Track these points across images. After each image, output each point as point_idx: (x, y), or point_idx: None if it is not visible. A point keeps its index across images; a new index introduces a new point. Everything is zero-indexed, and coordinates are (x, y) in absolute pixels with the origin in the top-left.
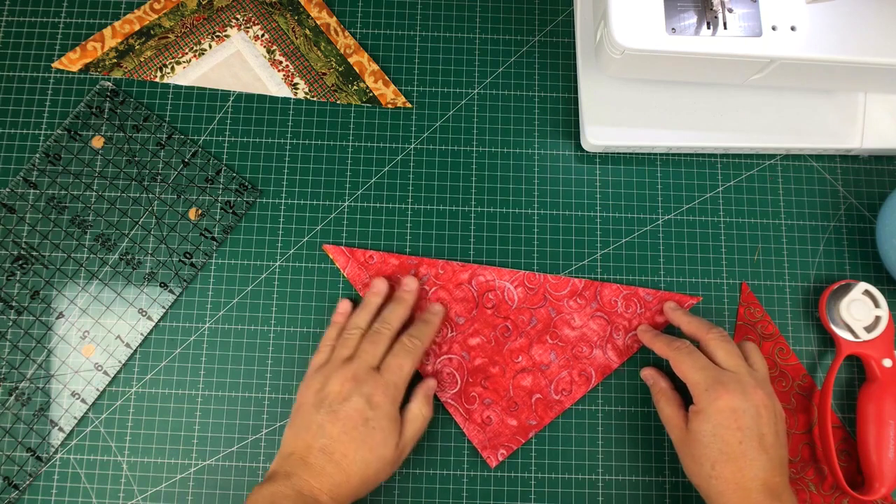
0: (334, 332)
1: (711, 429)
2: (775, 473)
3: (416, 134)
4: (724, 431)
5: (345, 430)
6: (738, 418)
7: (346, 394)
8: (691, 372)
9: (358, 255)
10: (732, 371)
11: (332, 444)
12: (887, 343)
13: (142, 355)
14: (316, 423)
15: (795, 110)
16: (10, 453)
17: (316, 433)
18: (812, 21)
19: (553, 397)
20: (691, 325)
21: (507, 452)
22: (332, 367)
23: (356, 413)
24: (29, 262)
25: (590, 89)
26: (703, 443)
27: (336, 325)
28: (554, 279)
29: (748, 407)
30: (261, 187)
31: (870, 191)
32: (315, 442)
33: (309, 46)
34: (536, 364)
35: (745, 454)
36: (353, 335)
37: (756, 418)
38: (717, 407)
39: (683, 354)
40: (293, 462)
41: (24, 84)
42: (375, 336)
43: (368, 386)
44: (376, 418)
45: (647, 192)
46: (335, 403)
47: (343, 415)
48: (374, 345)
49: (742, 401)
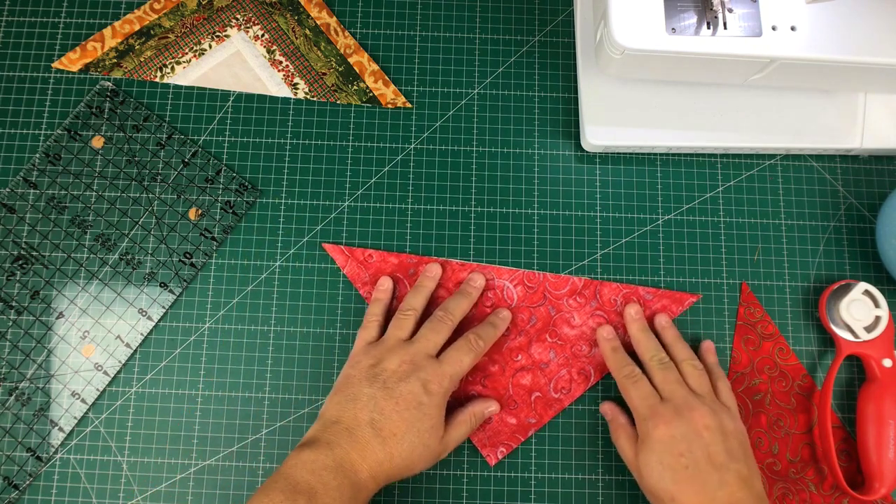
0: (378, 307)
1: (657, 459)
2: (737, 489)
3: (416, 134)
4: (669, 459)
5: (397, 409)
6: (678, 444)
7: (403, 374)
8: (634, 401)
9: (357, 253)
10: (667, 398)
11: (382, 419)
12: (887, 343)
13: (142, 355)
14: (367, 396)
15: (795, 110)
16: (10, 453)
17: (366, 405)
18: (812, 21)
19: (552, 395)
20: (638, 346)
21: (506, 451)
22: (389, 345)
23: (411, 395)
24: (29, 262)
25: (590, 89)
26: (655, 476)
27: (379, 301)
28: (553, 278)
29: (686, 430)
30: (261, 187)
31: (870, 191)
32: (364, 415)
33: (309, 46)
34: (536, 362)
35: (696, 478)
36: (409, 316)
37: (697, 440)
38: (656, 437)
39: (629, 383)
40: (337, 431)
41: (24, 84)
42: (437, 324)
43: (426, 372)
44: (429, 405)
45: (647, 192)
46: (390, 381)
47: (397, 393)
48: (436, 333)
49: (679, 425)
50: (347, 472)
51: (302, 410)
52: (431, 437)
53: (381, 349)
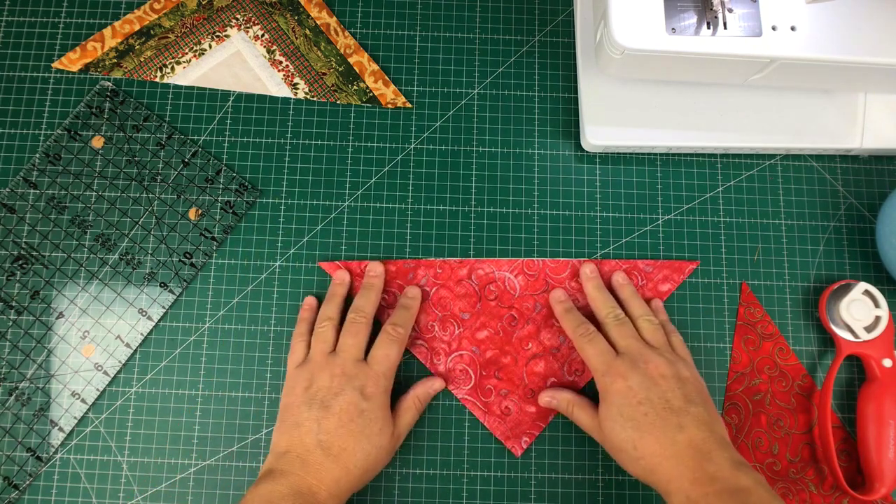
0: (303, 327)
1: (617, 411)
2: (697, 431)
3: (416, 134)
4: (629, 409)
5: (341, 424)
6: (636, 393)
7: (338, 388)
8: (591, 360)
9: (353, 266)
10: (623, 352)
11: (329, 438)
12: (887, 343)
13: (142, 355)
14: (309, 420)
15: (795, 110)
16: (10, 453)
17: (310, 429)
18: (812, 21)
19: (567, 378)
20: (594, 303)
21: (529, 440)
22: (316, 362)
23: (351, 406)
24: (29, 262)
25: (590, 89)
26: (617, 429)
27: (304, 320)
28: (552, 262)
29: (643, 380)
30: (261, 187)
31: (870, 191)
32: (310, 438)
33: (309, 46)
34: (546, 348)
35: (655, 424)
36: (325, 327)
37: (654, 388)
38: (614, 390)
39: (585, 342)
40: (289, 460)
41: (24, 84)
42: (353, 327)
43: (359, 378)
44: (371, 409)
45: (647, 192)
46: (328, 398)
47: (337, 408)
48: (355, 336)
49: (635, 376)
50: (306, 498)
51: None
52: (382, 437)
53: (310, 368)
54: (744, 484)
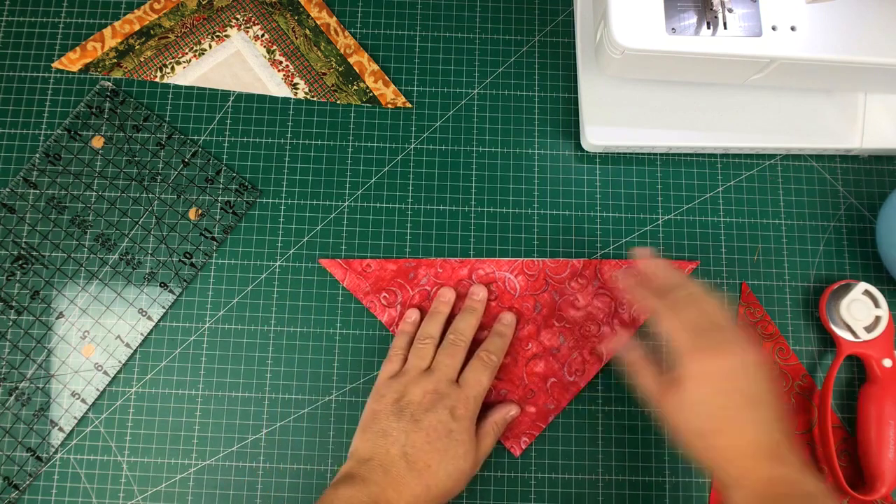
0: (404, 340)
1: (700, 397)
2: (773, 431)
3: (416, 134)
4: (717, 397)
5: (428, 440)
6: (734, 380)
7: (429, 404)
8: (677, 331)
9: (355, 265)
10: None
11: (415, 452)
12: (887, 343)
13: (142, 355)
14: (397, 430)
15: (795, 110)
16: (10, 453)
17: (397, 440)
18: (812, 21)
19: (568, 379)
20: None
21: (529, 440)
22: (411, 376)
23: (440, 424)
24: (29, 262)
25: (590, 89)
26: (694, 415)
27: (405, 333)
28: (552, 262)
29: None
30: (261, 187)
31: (870, 191)
32: (396, 449)
33: (309, 46)
34: (547, 349)
35: (735, 419)
36: (426, 345)
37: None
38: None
39: (668, 309)
40: (371, 468)
41: (24, 84)
42: (452, 348)
43: (451, 399)
44: (459, 431)
45: (647, 192)
46: (418, 413)
47: (426, 424)
48: (452, 357)
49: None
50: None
51: (302, 410)
52: (466, 460)
53: (404, 381)
54: (810, 489)
